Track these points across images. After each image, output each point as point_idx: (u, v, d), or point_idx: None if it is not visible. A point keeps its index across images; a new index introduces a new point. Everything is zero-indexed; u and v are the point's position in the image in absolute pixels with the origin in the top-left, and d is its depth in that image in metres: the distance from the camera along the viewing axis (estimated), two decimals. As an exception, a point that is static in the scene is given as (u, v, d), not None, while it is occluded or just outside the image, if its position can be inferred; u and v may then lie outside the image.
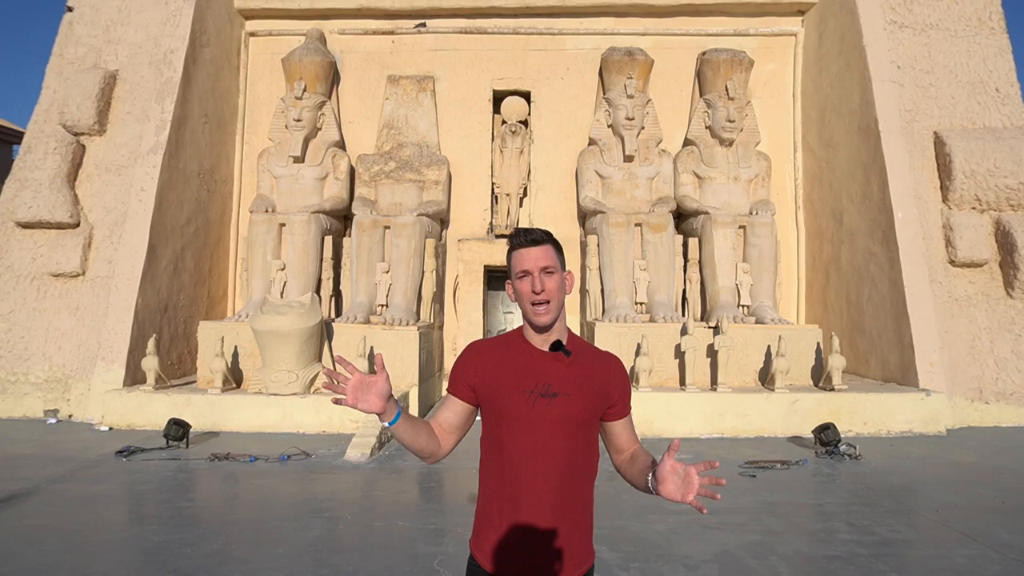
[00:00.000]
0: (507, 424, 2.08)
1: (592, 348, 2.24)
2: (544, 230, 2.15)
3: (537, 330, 2.12)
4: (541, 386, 2.06)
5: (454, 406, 2.18)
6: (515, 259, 2.11)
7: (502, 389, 2.09)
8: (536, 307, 2.06)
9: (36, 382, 10.07)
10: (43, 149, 10.59)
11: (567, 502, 2.06)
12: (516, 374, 2.09)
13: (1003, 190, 10.15)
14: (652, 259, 10.83)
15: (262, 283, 10.81)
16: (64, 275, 10.47)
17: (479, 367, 2.14)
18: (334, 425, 8.80)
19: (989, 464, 7.51)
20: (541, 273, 2.06)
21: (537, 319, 2.08)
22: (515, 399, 2.06)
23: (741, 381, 9.66)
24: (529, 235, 2.10)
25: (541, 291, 2.05)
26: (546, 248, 2.09)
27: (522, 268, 2.08)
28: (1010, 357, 9.91)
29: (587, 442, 2.12)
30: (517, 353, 2.14)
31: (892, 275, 9.97)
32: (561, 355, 2.10)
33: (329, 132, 11.69)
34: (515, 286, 2.12)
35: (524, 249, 2.09)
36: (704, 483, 1.90)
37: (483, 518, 2.13)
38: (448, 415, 2.18)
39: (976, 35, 11.04)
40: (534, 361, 2.11)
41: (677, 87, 12.32)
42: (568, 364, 2.10)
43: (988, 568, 4.56)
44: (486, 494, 2.13)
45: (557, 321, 2.11)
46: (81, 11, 11.70)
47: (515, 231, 2.14)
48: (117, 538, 5.13)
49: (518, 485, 2.05)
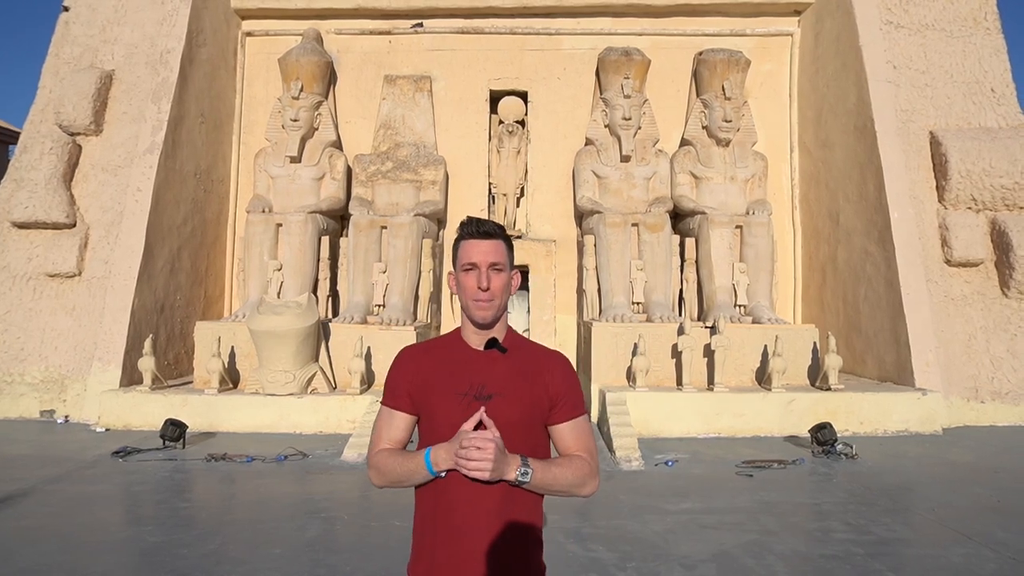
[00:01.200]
0: (440, 431, 1.89)
1: (534, 345, 2.08)
2: (498, 224, 2.03)
3: (476, 326, 1.97)
4: (476, 387, 1.90)
5: (398, 422, 1.99)
6: (463, 249, 1.96)
7: (435, 393, 1.93)
8: (478, 301, 1.92)
9: (32, 383, 10.05)
10: (39, 149, 10.56)
11: (509, 516, 1.86)
12: (450, 376, 1.93)
13: (999, 190, 10.18)
14: (649, 259, 10.84)
15: (259, 283, 10.79)
16: (60, 275, 10.45)
17: (415, 373, 1.98)
18: (331, 425, 8.79)
19: (985, 463, 7.53)
20: (489, 269, 1.93)
21: (477, 313, 1.93)
22: (448, 403, 1.90)
23: (738, 381, 9.67)
24: (481, 226, 1.97)
25: (487, 288, 1.91)
26: (497, 243, 1.96)
27: (469, 260, 1.94)
28: (1006, 356, 9.94)
29: (530, 447, 1.92)
30: (452, 354, 1.99)
31: (888, 275, 9.99)
32: (496, 353, 1.97)
33: (326, 132, 11.67)
34: (458, 278, 1.97)
35: (474, 240, 1.95)
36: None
37: (418, 540, 1.95)
38: (398, 434, 1.99)
39: (972, 35, 11.07)
40: (469, 361, 1.96)
41: (674, 87, 12.33)
42: (504, 361, 1.95)
43: (984, 567, 4.57)
44: (420, 513, 1.95)
45: (498, 321, 1.98)
46: (77, 11, 11.66)
47: (467, 220, 2.00)
48: (114, 539, 5.12)
49: (452, 499, 1.85)
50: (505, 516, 1.86)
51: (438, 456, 1.83)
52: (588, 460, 1.95)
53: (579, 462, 1.92)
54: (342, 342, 9.65)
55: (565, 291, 12.04)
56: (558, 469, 1.89)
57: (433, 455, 1.84)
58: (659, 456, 7.66)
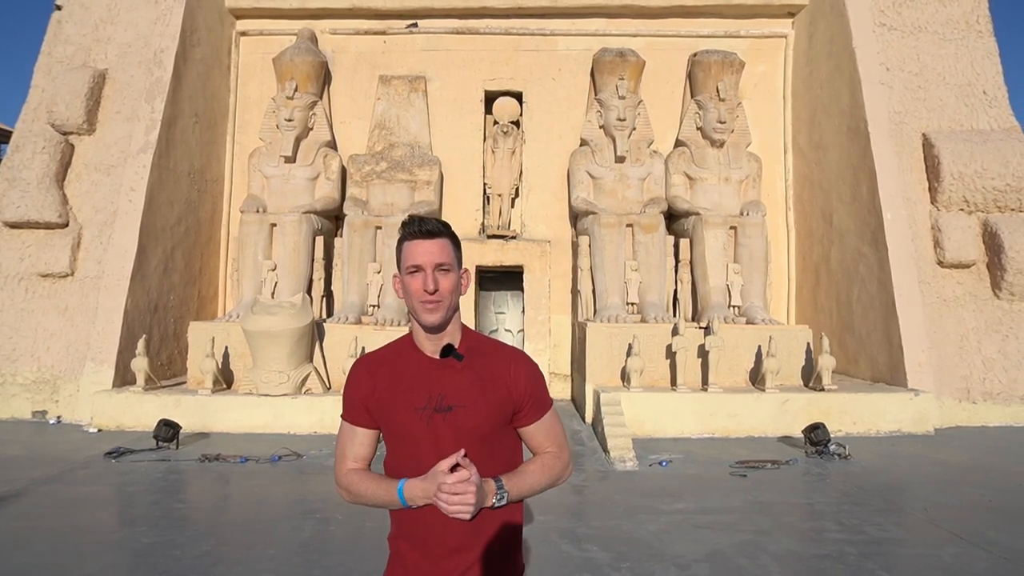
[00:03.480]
0: (403, 445, 1.85)
1: (493, 346, 1.98)
2: (442, 221, 1.92)
3: (427, 330, 1.89)
4: (435, 399, 1.84)
5: (361, 438, 1.94)
6: (406, 251, 1.88)
7: (393, 408, 1.86)
8: (424, 303, 1.84)
9: (24, 383, 9.99)
10: (31, 148, 10.50)
11: (481, 530, 1.81)
12: (407, 389, 1.86)
13: (990, 192, 10.24)
14: (643, 260, 10.86)
15: (253, 283, 10.76)
16: (53, 275, 10.40)
17: (371, 385, 1.90)
18: (325, 426, 8.77)
19: (977, 463, 7.57)
20: (435, 271, 1.85)
21: (425, 316, 1.85)
22: (407, 417, 1.84)
23: (732, 381, 9.70)
24: (424, 225, 1.87)
25: (434, 291, 1.83)
26: (442, 243, 1.87)
27: (413, 263, 1.86)
28: (997, 357, 10.00)
29: (500, 456, 1.88)
30: (407, 364, 1.91)
31: (881, 276, 10.04)
32: (453, 361, 1.88)
33: (320, 132, 11.65)
34: (404, 281, 1.89)
35: (417, 241, 1.87)
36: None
37: (392, 560, 1.90)
38: (363, 451, 1.95)
39: (964, 38, 11.14)
40: (424, 372, 1.88)
41: (668, 88, 12.35)
42: (462, 370, 1.87)
43: (976, 566, 4.60)
44: (393, 532, 1.91)
45: (450, 323, 1.90)
46: (70, 9, 11.61)
47: (408, 219, 1.91)
48: (107, 540, 5.10)
49: (421, 518, 1.81)
50: (484, 530, 1.83)
51: (413, 492, 1.80)
52: (557, 452, 1.95)
53: (549, 459, 1.93)
54: (336, 342, 9.64)
55: (560, 291, 12.06)
56: (531, 478, 1.88)
57: (408, 492, 1.81)
58: (653, 456, 7.68)
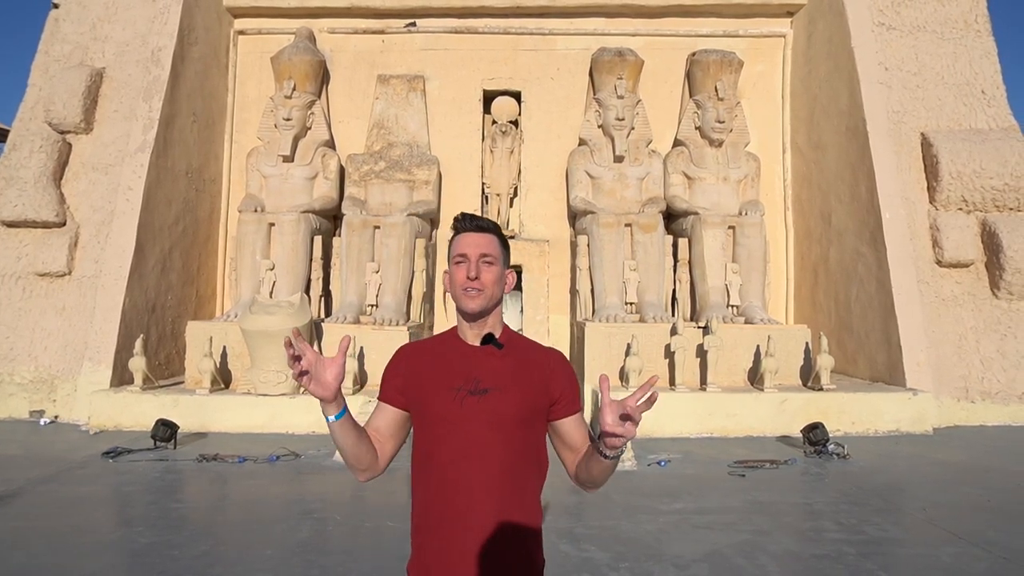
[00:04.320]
0: (433, 427, 1.91)
1: (531, 343, 2.09)
2: (493, 221, 2.03)
3: (467, 319, 1.96)
4: (470, 382, 1.90)
5: (384, 412, 2.03)
6: (455, 244, 1.98)
7: (428, 388, 1.93)
8: (466, 291, 1.91)
9: (22, 383, 9.97)
10: (28, 147, 10.48)
11: (505, 513, 1.86)
12: (444, 372, 1.94)
13: (989, 191, 10.25)
14: (642, 259, 10.86)
15: (251, 283, 10.74)
16: (50, 275, 10.37)
17: (408, 368, 2.00)
18: (323, 425, 8.53)
19: (975, 463, 7.58)
20: (479, 260, 1.93)
21: (465, 303, 1.93)
22: (441, 398, 1.90)
23: (730, 381, 9.70)
24: (474, 221, 1.98)
25: (475, 278, 1.91)
26: (489, 237, 1.97)
27: (460, 252, 1.95)
28: (995, 357, 10.00)
29: (528, 444, 1.93)
30: (448, 350, 1.99)
31: (880, 275, 10.04)
32: (493, 348, 1.96)
33: (319, 131, 11.63)
34: (451, 272, 1.98)
35: (466, 234, 1.97)
36: (639, 399, 1.80)
37: (415, 537, 1.95)
38: (379, 422, 2.03)
39: (962, 37, 11.14)
40: (464, 357, 1.96)
41: (667, 88, 12.35)
42: (501, 357, 1.95)
43: (974, 566, 4.60)
44: (417, 510, 1.96)
45: (491, 315, 1.97)
46: (67, 8, 11.58)
47: (460, 215, 2.01)
48: (104, 540, 5.08)
49: (447, 496, 1.87)
50: (505, 508, 1.86)
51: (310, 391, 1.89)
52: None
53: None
54: (335, 342, 9.62)
55: (558, 291, 12.05)
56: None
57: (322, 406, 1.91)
58: (652, 456, 7.67)
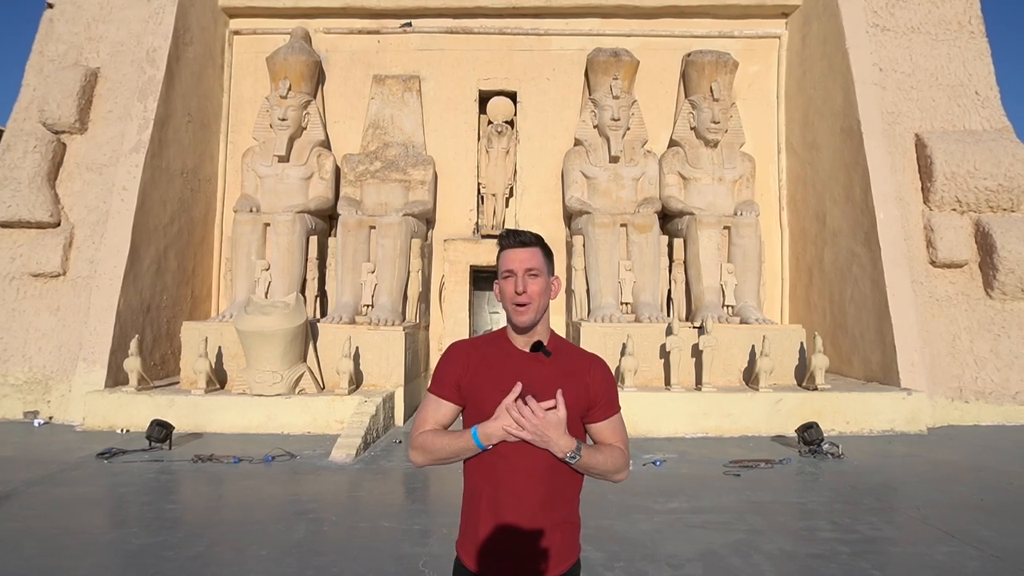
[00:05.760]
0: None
1: (575, 349, 2.26)
2: (535, 234, 2.20)
3: (518, 330, 2.16)
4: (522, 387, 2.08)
5: (445, 410, 2.19)
6: (502, 259, 2.17)
7: (484, 389, 2.12)
8: (517, 307, 2.11)
9: (15, 383, 9.94)
10: (23, 147, 10.45)
11: (550, 502, 2.08)
12: (497, 374, 2.12)
13: (982, 192, 10.29)
14: (637, 259, 10.87)
15: (246, 283, 10.73)
16: (44, 275, 10.34)
17: (465, 367, 2.17)
18: (319, 426, 8.75)
19: (969, 462, 7.61)
20: (525, 275, 2.12)
21: (517, 318, 2.13)
22: (494, 399, 2.08)
23: (726, 381, 9.72)
24: (518, 237, 2.16)
25: (523, 292, 2.10)
26: (533, 251, 2.15)
27: (507, 268, 2.14)
28: (989, 357, 10.05)
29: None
30: (499, 353, 2.18)
31: (874, 275, 10.08)
32: (541, 356, 2.14)
33: (314, 131, 11.62)
34: (500, 285, 2.18)
35: (511, 250, 2.15)
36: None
37: (467, 519, 2.16)
38: (442, 418, 2.20)
39: (956, 39, 11.19)
40: (515, 362, 2.15)
41: (662, 88, 12.38)
42: (548, 364, 2.14)
43: (967, 565, 4.62)
44: (469, 496, 2.16)
45: (540, 323, 2.16)
46: (62, 8, 11.55)
47: (505, 232, 2.19)
48: (98, 541, 5.07)
49: (500, 486, 2.08)
50: (550, 499, 2.07)
51: (487, 431, 2.04)
52: (623, 451, 2.19)
53: (617, 452, 2.16)
54: (330, 342, 9.61)
55: (554, 291, 12.04)
56: (601, 455, 2.12)
57: (481, 432, 2.05)
58: (647, 456, 7.68)
